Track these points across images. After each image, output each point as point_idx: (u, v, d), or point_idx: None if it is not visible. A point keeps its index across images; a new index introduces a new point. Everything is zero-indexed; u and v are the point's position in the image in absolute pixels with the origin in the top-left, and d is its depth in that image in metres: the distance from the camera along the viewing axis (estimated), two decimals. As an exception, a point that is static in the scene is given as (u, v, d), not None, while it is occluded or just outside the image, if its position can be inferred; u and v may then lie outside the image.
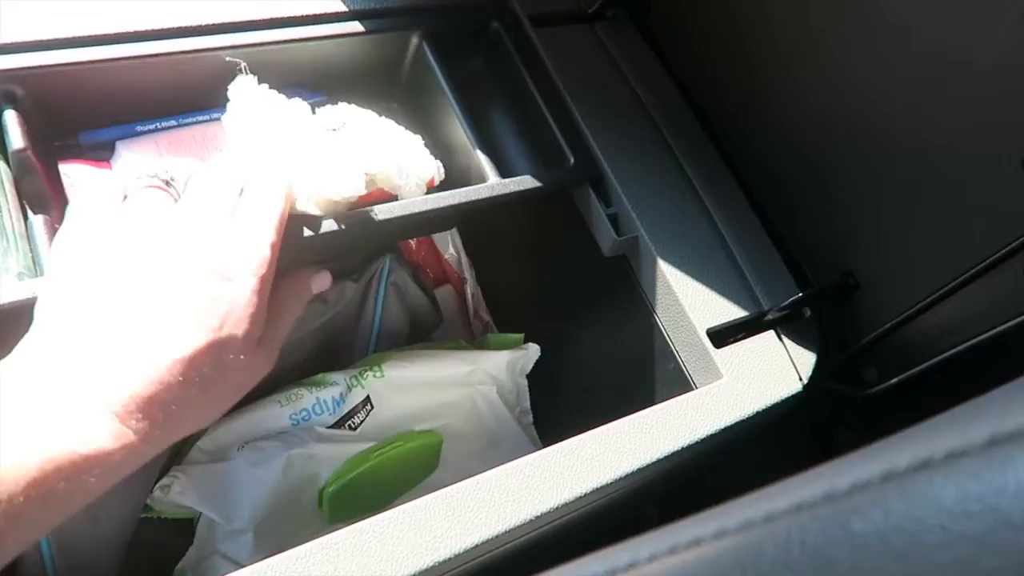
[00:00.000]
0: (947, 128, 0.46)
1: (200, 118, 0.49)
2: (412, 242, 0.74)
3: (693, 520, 0.17)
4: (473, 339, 0.68)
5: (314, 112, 0.48)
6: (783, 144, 0.56)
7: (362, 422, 0.53)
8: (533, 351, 0.59)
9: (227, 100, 0.45)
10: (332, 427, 0.52)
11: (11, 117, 0.44)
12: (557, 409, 0.60)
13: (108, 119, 0.48)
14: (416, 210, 0.48)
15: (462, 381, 0.56)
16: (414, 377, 0.54)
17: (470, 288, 0.72)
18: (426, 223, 0.55)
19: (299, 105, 0.46)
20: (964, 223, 0.47)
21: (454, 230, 0.71)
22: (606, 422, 0.45)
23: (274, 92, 0.45)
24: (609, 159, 0.55)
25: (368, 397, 0.53)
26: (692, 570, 0.16)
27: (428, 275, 0.71)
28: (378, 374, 0.53)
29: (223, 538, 0.48)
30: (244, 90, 0.45)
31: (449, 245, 0.72)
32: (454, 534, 0.39)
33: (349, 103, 0.50)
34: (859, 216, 0.53)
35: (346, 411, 0.52)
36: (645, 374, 0.55)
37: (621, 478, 0.44)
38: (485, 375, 0.57)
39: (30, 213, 0.44)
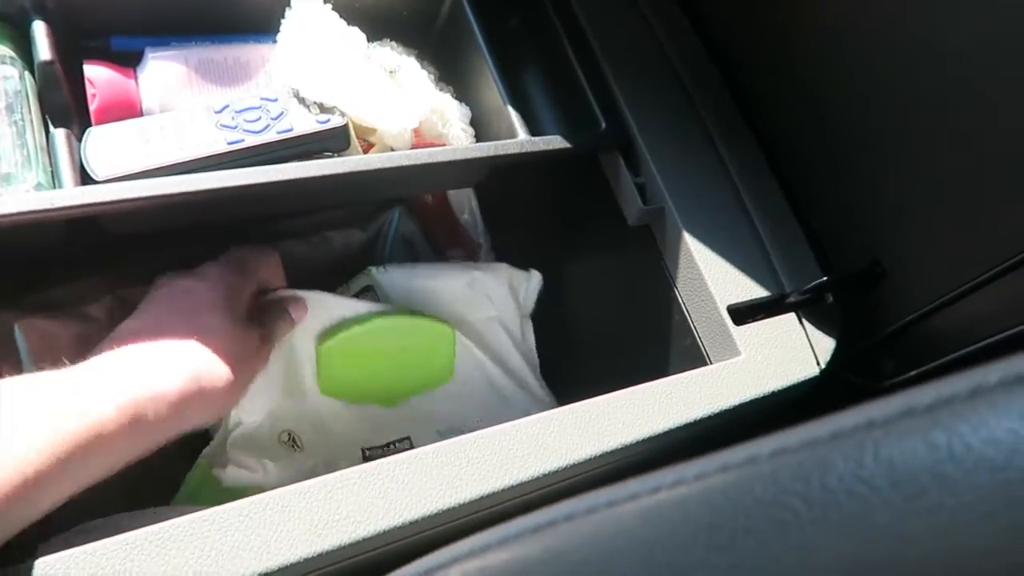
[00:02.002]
0: (986, 118, 0.45)
1: (238, 41, 0.48)
2: (428, 200, 0.73)
3: (745, 444, 0.17)
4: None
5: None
6: (817, 126, 0.54)
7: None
8: (536, 278, 0.57)
9: (281, 20, 0.44)
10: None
11: (40, 28, 0.43)
12: (569, 376, 0.60)
13: (143, 28, 0.47)
14: (445, 159, 0.47)
15: (461, 297, 0.54)
16: (417, 274, 0.53)
17: (483, 255, 0.71)
18: (453, 174, 0.54)
19: (359, 36, 0.45)
20: (997, 216, 0.46)
21: (472, 193, 0.70)
22: (618, 390, 0.45)
23: (336, 16, 0.45)
24: (640, 127, 0.54)
25: (371, 286, 0.52)
26: (746, 485, 0.15)
27: (437, 236, 0.70)
28: (381, 271, 0.53)
29: (239, 429, 0.47)
30: (308, 6, 0.44)
31: (465, 210, 0.71)
32: (463, 482, 0.38)
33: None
34: (890, 204, 0.52)
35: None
36: (660, 347, 0.54)
37: (632, 444, 0.43)
38: (484, 298, 0.55)
39: (51, 126, 0.43)
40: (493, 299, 0.56)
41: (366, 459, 0.50)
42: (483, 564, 0.19)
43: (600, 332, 0.59)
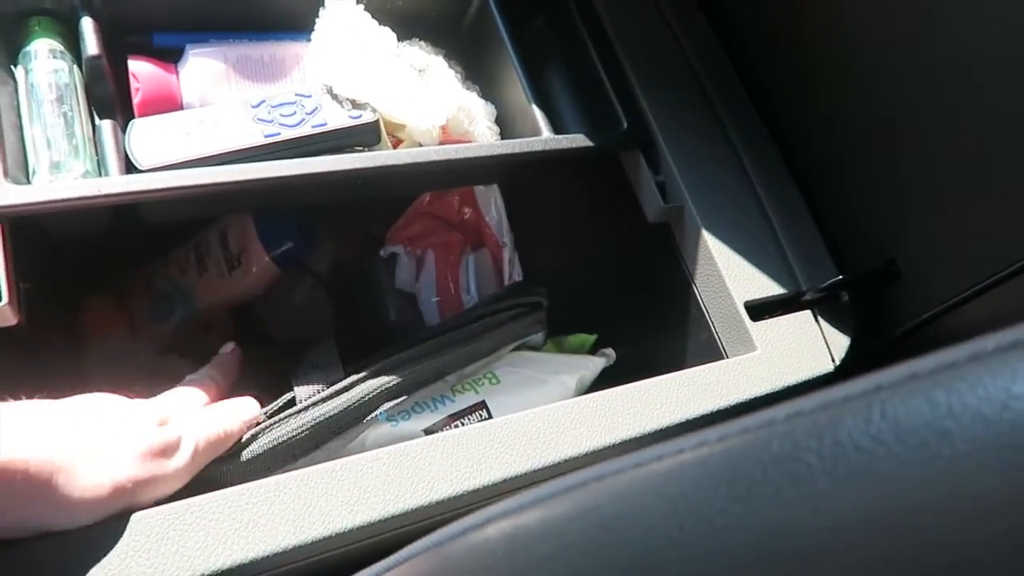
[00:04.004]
0: (1002, 119, 0.46)
1: (273, 40, 0.50)
2: (455, 202, 0.75)
3: (763, 411, 0.18)
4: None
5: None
6: (833, 125, 0.56)
7: None
8: (611, 357, 0.56)
9: (316, 19, 0.46)
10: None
11: (87, 24, 0.45)
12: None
13: (184, 25, 0.49)
14: (471, 155, 0.49)
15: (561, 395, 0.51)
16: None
17: (507, 254, 0.72)
18: (478, 170, 0.56)
19: (389, 35, 0.47)
20: (1012, 216, 0.47)
21: (497, 192, 0.71)
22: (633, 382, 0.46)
23: (368, 16, 0.46)
24: (661, 126, 0.55)
25: (484, 402, 0.48)
26: (764, 443, 0.16)
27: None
28: (493, 380, 0.49)
29: None
30: (341, 7, 0.45)
31: (491, 208, 0.73)
32: (487, 465, 0.40)
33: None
34: (906, 204, 0.53)
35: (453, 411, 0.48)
36: (677, 342, 0.55)
37: (649, 434, 0.44)
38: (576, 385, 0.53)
39: (97, 118, 0.45)
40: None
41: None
42: (518, 522, 0.20)
43: (619, 326, 0.61)
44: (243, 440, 0.40)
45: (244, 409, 0.41)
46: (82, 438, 0.33)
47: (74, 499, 0.31)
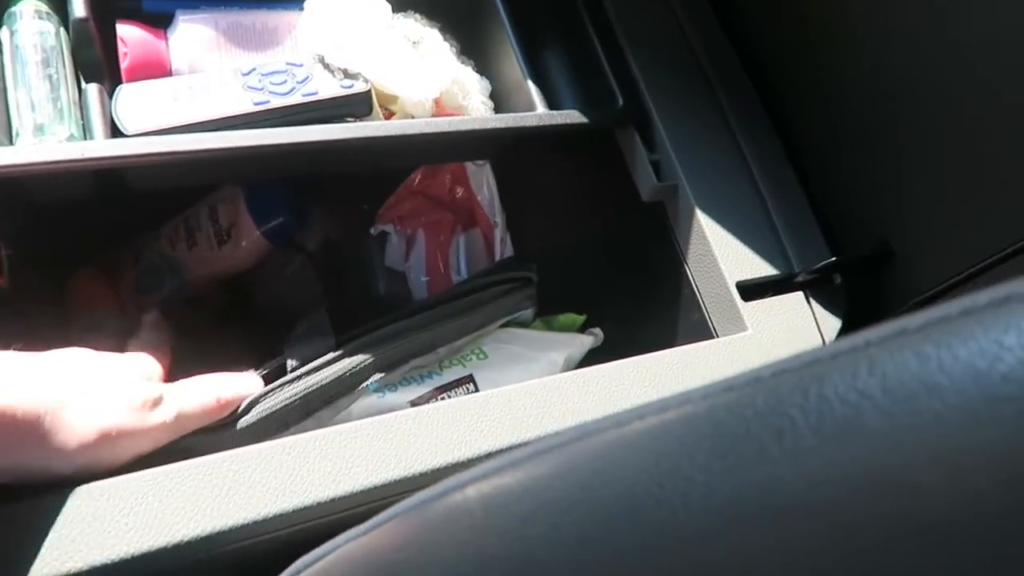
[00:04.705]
0: (996, 103, 0.46)
1: (265, 7, 0.49)
2: (447, 181, 0.74)
3: (751, 369, 0.18)
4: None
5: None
6: (829, 108, 0.55)
7: None
8: (599, 337, 0.55)
9: None
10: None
11: (75, -15, 0.44)
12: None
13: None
14: (464, 128, 0.48)
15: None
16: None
17: (499, 233, 0.72)
18: (471, 145, 0.56)
19: (383, 5, 0.46)
20: (1005, 199, 0.47)
21: (489, 171, 0.71)
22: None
23: None
24: (657, 105, 0.55)
25: (471, 376, 0.48)
26: (748, 400, 0.16)
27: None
28: (481, 356, 0.49)
29: None
30: None
31: (483, 187, 0.72)
32: (472, 439, 0.39)
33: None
34: (900, 187, 0.52)
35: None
36: (668, 321, 0.55)
37: (637, 411, 0.44)
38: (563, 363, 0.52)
39: (83, 82, 0.44)
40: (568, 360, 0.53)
41: None
42: (497, 482, 0.20)
43: (610, 306, 0.60)
44: (238, 410, 0.39)
45: (241, 382, 0.41)
46: (70, 385, 0.34)
47: (61, 444, 0.32)
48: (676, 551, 0.16)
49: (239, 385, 0.41)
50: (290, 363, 0.42)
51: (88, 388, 0.34)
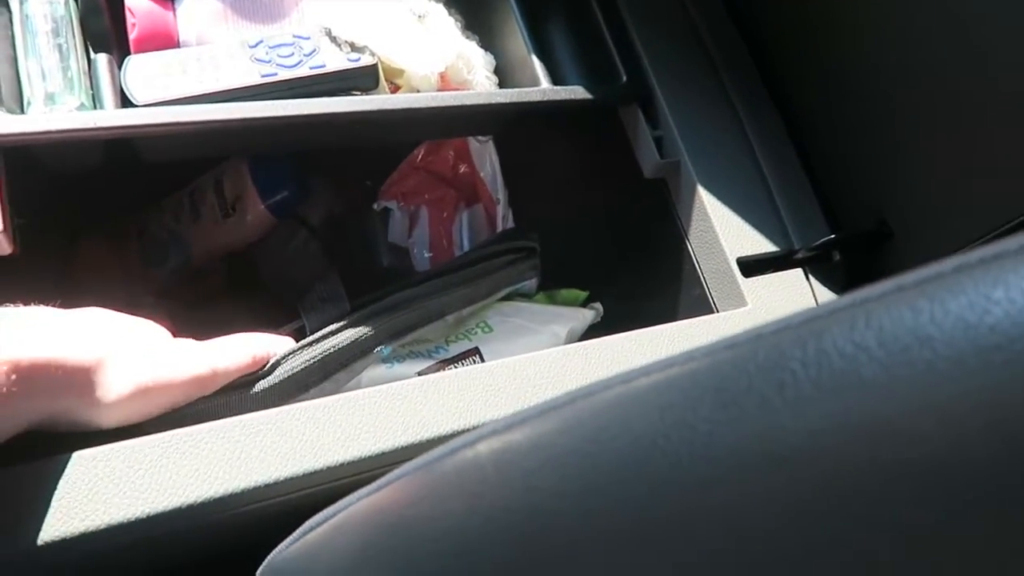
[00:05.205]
0: (993, 82, 0.46)
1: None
2: (450, 157, 0.75)
3: (753, 327, 0.18)
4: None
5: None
6: (830, 85, 0.56)
7: None
8: (599, 312, 0.56)
9: None
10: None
11: (83, -44, 0.45)
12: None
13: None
14: (469, 102, 0.48)
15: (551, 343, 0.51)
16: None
17: (501, 210, 0.72)
18: (475, 119, 0.56)
19: None
20: (1003, 178, 0.47)
21: (492, 148, 0.71)
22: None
23: None
24: (660, 81, 0.55)
25: (477, 348, 0.49)
26: (750, 355, 0.17)
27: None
28: (486, 329, 0.50)
29: None
30: None
31: (487, 163, 0.73)
32: (476, 407, 0.40)
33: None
34: (899, 165, 0.53)
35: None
36: (669, 296, 0.56)
37: (638, 383, 0.45)
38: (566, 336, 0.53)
39: (92, 52, 0.44)
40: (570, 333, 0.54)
41: None
42: (507, 439, 0.21)
43: (612, 281, 0.61)
44: (263, 369, 0.40)
45: (273, 340, 0.42)
46: (107, 340, 0.35)
47: (101, 396, 0.33)
48: (680, 498, 0.16)
49: (271, 343, 0.42)
50: (309, 326, 0.43)
51: (125, 343, 0.35)
